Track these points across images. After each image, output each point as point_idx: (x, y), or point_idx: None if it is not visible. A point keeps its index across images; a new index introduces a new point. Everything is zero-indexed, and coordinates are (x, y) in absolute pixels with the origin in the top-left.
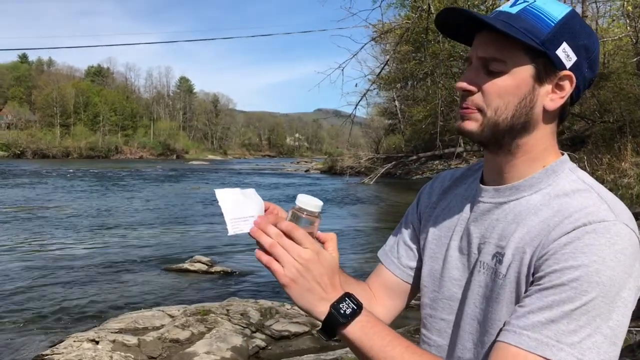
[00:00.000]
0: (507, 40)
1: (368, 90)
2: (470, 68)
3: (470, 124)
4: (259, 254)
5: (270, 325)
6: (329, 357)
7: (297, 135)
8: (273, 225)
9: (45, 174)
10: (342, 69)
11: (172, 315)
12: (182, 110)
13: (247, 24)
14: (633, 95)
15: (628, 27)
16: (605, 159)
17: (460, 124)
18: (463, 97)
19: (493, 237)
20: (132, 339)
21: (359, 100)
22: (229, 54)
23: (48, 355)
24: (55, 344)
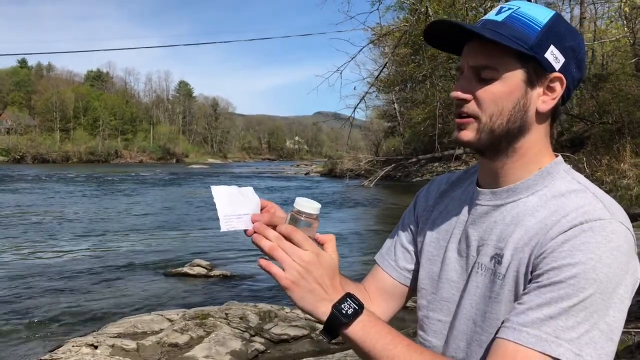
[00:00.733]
0: (496, 48)
1: (367, 93)
2: (463, 77)
3: (467, 134)
4: (260, 261)
5: (270, 329)
6: None
7: (296, 139)
8: (272, 229)
9: (45, 179)
10: (340, 72)
11: (171, 320)
12: (181, 114)
13: (246, 28)
14: (632, 97)
15: (626, 28)
16: (605, 160)
17: (458, 135)
18: (458, 105)
19: (491, 239)
20: (131, 344)
21: (358, 103)
22: (228, 58)
23: None
24: (54, 349)
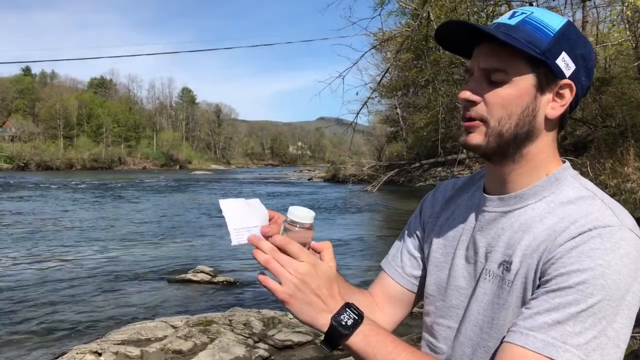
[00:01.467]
0: (508, 51)
1: (369, 98)
2: (472, 79)
3: (476, 137)
4: (259, 276)
5: (273, 335)
6: None
7: (299, 144)
8: (267, 241)
9: (49, 186)
10: (342, 78)
11: (174, 326)
12: (184, 121)
13: (248, 34)
14: (635, 100)
15: (628, 32)
16: (608, 164)
17: (466, 138)
18: (466, 107)
19: (500, 245)
20: (134, 351)
21: (360, 108)
22: (231, 64)
23: None
24: (58, 356)
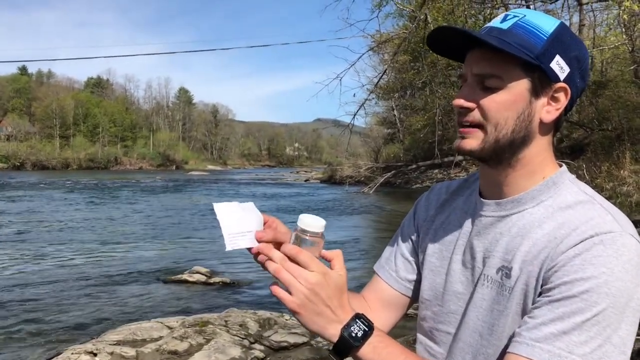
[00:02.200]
0: (501, 56)
1: (366, 100)
2: (466, 85)
3: (471, 142)
4: (271, 287)
5: (269, 336)
6: None
7: (296, 145)
8: (277, 250)
9: (45, 186)
10: (340, 79)
11: (170, 327)
12: (181, 121)
13: (246, 35)
14: (631, 103)
15: (624, 35)
16: (604, 167)
17: (460, 143)
18: (460, 114)
19: (497, 250)
20: (130, 351)
21: (357, 110)
22: (228, 65)
23: None
24: (53, 357)
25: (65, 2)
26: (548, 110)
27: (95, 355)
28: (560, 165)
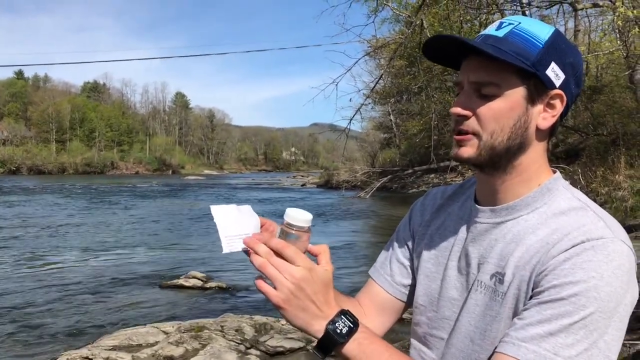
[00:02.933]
0: (497, 64)
1: (362, 105)
2: (463, 93)
3: (467, 150)
4: (256, 281)
5: (265, 341)
6: None
7: (293, 150)
8: (263, 244)
9: (41, 190)
10: (336, 84)
11: (166, 332)
12: (178, 126)
13: (242, 40)
14: (626, 109)
15: (619, 41)
16: (600, 172)
17: (457, 152)
18: (457, 122)
19: (492, 256)
20: (125, 356)
21: (354, 115)
22: (225, 69)
23: None
24: None
25: (62, 6)
26: (544, 117)
27: None
28: (554, 172)
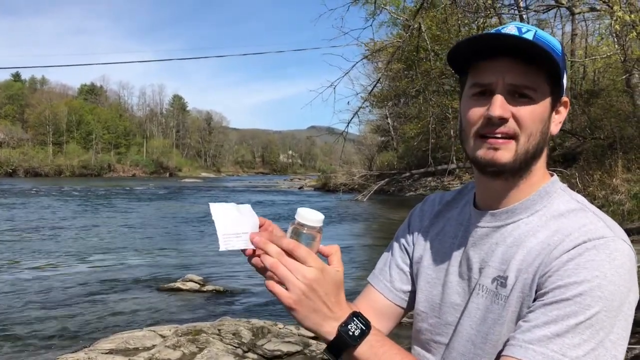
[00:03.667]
0: (534, 67)
1: (360, 108)
2: (498, 95)
3: (505, 155)
4: (266, 282)
5: (262, 345)
6: None
7: (290, 153)
8: (274, 244)
9: (37, 193)
10: (334, 87)
11: (163, 335)
12: (175, 128)
13: (240, 42)
14: (623, 112)
15: (616, 45)
16: (597, 176)
17: (494, 156)
18: (494, 125)
19: (493, 260)
20: None
21: (351, 118)
22: (223, 72)
23: None
24: None
25: (60, 9)
26: (556, 124)
27: None
28: (552, 175)
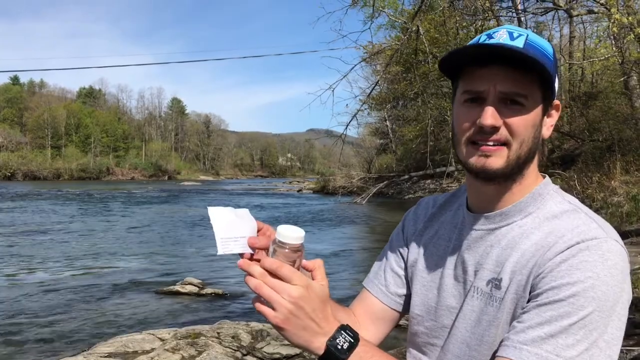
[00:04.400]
0: (525, 74)
1: (359, 111)
2: (490, 103)
3: (497, 161)
4: (254, 303)
5: (262, 348)
6: None
7: (289, 155)
8: (257, 265)
9: (36, 196)
10: (332, 90)
11: (162, 339)
12: (174, 131)
13: (239, 45)
14: (621, 115)
15: (614, 47)
16: (595, 178)
17: (485, 163)
18: (485, 132)
19: (488, 263)
20: None
21: (350, 120)
22: (221, 75)
23: None
24: None
25: (58, 12)
26: (547, 127)
27: None
28: (544, 177)
